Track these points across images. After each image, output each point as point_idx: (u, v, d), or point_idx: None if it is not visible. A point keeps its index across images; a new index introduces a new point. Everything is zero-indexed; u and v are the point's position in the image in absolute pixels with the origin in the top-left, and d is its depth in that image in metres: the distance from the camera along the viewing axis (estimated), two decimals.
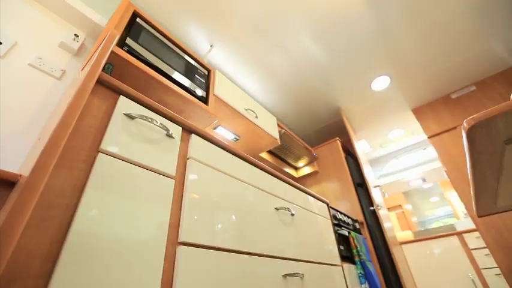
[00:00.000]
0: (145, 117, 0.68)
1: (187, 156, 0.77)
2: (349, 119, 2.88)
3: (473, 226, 2.72)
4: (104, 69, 0.98)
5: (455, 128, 2.43)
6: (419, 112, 2.74)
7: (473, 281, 2.45)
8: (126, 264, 0.50)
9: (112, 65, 1.02)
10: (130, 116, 0.66)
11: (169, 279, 0.56)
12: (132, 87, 1.14)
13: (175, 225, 0.63)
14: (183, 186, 0.70)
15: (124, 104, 0.67)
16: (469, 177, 0.89)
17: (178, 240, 0.62)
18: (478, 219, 2.06)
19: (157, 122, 0.71)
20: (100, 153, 0.56)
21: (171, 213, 0.64)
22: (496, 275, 2.38)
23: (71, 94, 0.61)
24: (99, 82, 0.65)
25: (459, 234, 2.68)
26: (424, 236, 2.90)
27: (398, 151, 3.75)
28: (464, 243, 2.63)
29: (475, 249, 2.55)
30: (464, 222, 2.91)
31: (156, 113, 0.75)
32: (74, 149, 0.53)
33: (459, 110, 2.48)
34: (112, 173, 0.55)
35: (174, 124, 0.79)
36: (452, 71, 2.34)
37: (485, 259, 2.47)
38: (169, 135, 0.74)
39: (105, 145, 0.57)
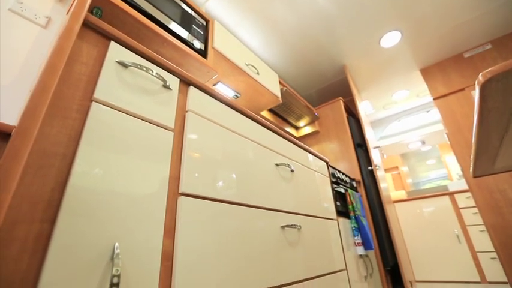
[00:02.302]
0: (140, 65, 0.64)
1: (186, 109, 0.74)
2: (354, 78, 2.77)
3: (465, 187, 2.82)
4: (91, 12, 0.90)
5: (463, 89, 2.35)
6: (427, 72, 2.62)
7: (457, 236, 2.62)
8: (128, 214, 0.51)
9: (101, 10, 0.93)
10: (123, 64, 0.62)
11: (172, 228, 0.58)
12: None
13: (175, 177, 0.63)
14: (183, 139, 0.69)
15: (116, 51, 0.62)
16: (473, 135, 0.88)
17: (179, 192, 0.62)
18: (472, 180, 2.11)
19: (153, 72, 0.67)
20: (94, 102, 0.53)
21: (171, 165, 0.63)
22: (480, 231, 2.53)
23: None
24: (86, 25, 0.59)
25: (451, 194, 2.78)
26: (417, 195, 3.02)
27: (401, 113, 3.70)
28: (454, 203, 2.75)
29: (464, 208, 2.67)
30: (457, 184, 3.00)
31: (152, 62, 0.71)
32: (65, 97, 0.50)
33: (470, 70, 2.37)
34: (108, 124, 0.54)
35: (171, 75, 0.74)
36: (468, 26, 2.17)
37: (472, 217, 2.61)
38: (166, 87, 0.70)
39: (99, 94, 0.55)
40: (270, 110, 2.26)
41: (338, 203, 1.47)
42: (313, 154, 1.40)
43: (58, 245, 0.41)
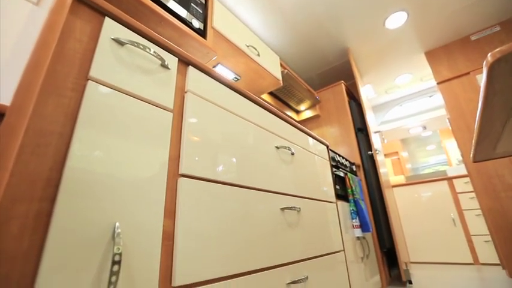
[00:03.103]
0: (137, 43, 0.62)
1: (185, 90, 0.72)
2: (357, 62, 2.71)
3: (464, 172, 2.84)
4: None
5: (468, 73, 2.30)
6: (432, 55, 2.56)
7: (453, 220, 2.67)
8: (127, 194, 0.51)
9: None
10: (119, 42, 0.59)
11: (172, 209, 0.59)
12: None
13: (175, 158, 0.63)
14: (182, 120, 0.68)
15: (111, 28, 0.59)
16: (477, 119, 0.86)
17: (179, 173, 0.62)
18: (471, 165, 2.12)
19: (150, 50, 0.64)
20: (90, 81, 0.52)
21: (171, 146, 0.63)
22: (476, 215, 2.57)
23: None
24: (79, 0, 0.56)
25: (449, 179, 2.81)
26: (416, 180, 3.04)
27: (403, 98, 3.65)
28: (452, 188, 2.77)
29: (461, 192, 2.70)
30: (456, 169, 3.02)
31: (149, 41, 0.68)
32: (60, 75, 0.49)
33: (476, 54, 2.31)
34: (105, 103, 0.52)
35: (169, 54, 0.72)
36: (477, 7, 2.09)
37: (469, 201, 2.64)
38: (164, 66, 0.68)
39: (95, 73, 0.53)
40: (271, 93, 2.22)
41: (337, 187, 1.48)
42: (313, 137, 1.39)
43: (59, 223, 0.41)
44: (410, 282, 1.81)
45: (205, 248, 0.61)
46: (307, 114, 2.52)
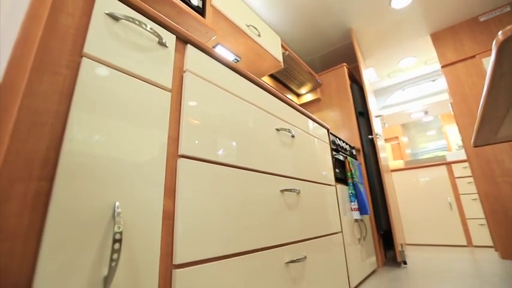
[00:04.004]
0: (132, 19, 0.59)
1: (184, 69, 0.70)
2: (360, 44, 2.64)
3: (463, 158, 2.85)
4: None
5: (473, 56, 2.25)
6: (438, 38, 2.49)
7: (450, 204, 2.71)
8: (126, 174, 0.50)
9: None
10: (114, 17, 0.57)
11: (172, 189, 0.59)
12: None
13: (174, 139, 0.62)
14: (181, 100, 0.67)
15: (104, 2, 0.57)
16: (481, 102, 0.85)
17: (179, 153, 0.62)
18: (471, 150, 2.12)
19: (146, 27, 0.62)
20: (84, 58, 0.50)
21: (170, 127, 0.62)
22: (473, 199, 2.61)
23: None
24: None
25: (448, 164, 2.82)
26: (415, 165, 3.06)
27: (405, 82, 3.59)
28: (451, 172, 2.79)
29: (459, 177, 2.73)
30: (456, 154, 3.03)
31: (145, 16, 0.65)
32: (53, 51, 0.47)
33: (484, 36, 2.25)
34: (101, 81, 0.51)
35: (167, 31, 0.69)
36: None
37: (467, 186, 2.67)
38: (162, 44, 0.66)
39: (89, 49, 0.51)
40: (271, 76, 2.18)
41: (337, 170, 1.49)
42: (314, 121, 1.38)
43: (58, 202, 0.41)
44: (405, 263, 1.87)
45: (206, 228, 0.62)
46: (308, 97, 2.48)
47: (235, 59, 1.66)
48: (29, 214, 0.39)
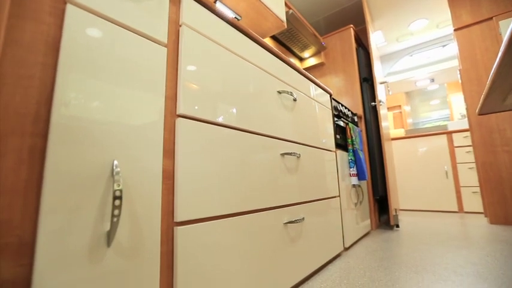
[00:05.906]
0: None
1: (180, 23, 0.65)
2: (369, 3, 2.45)
3: (465, 127, 2.83)
4: None
5: (490, 18, 2.11)
6: None
7: (446, 172, 2.76)
8: (123, 132, 0.49)
9: None
10: None
11: (171, 149, 0.58)
12: None
13: (172, 98, 0.60)
14: (178, 56, 0.63)
15: None
16: (494, 67, 0.81)
17: (177, 113, 0.60)
18: (474, 118, 2.09)
19: None
20: (68, 4, 0.45)
21: (166, 85, 0.59)
22: (469, 168, 2.65)
23: None
24: None
25: (449, 133, 2.81)
26: (416, 134, 3.05)
27: (414, 46, 3.42)
28: (451, 141, 2.80)
29: (459, 146, 2.74)
30: (457, 123, 3.00)
31: None
32: None
33: None
34: (88, 32, 0.47)
35: None
36: None
37: (465, 155, 2.69)
38: None
39: None
40: (273, 38, 2.06)
41: (338, 136, 1.48)
42: (317, 85, 1.33)
43: (54, 159, 0.40)
44: (398, 226, 1.95)
45: (206, 187, 0.62)
46: (311, 61, 2.38)
47: (236, 17, 1.55)
48: (26, 170, 0.38)
